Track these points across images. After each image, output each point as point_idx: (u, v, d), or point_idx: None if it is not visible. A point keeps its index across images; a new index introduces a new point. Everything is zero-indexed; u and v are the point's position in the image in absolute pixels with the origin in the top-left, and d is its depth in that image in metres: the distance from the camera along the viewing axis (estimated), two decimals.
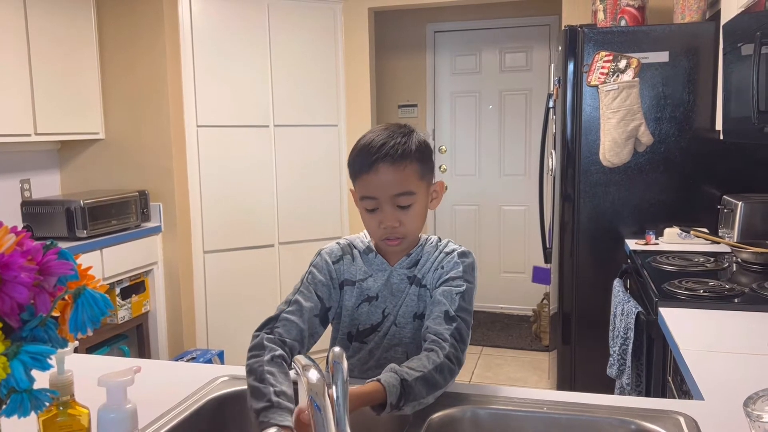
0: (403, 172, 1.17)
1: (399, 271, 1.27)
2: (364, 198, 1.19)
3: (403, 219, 1.19)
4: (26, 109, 2.93)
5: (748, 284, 1.90)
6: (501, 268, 4.88)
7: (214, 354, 3.39)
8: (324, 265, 1.27)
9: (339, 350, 0.82)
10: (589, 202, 2.83)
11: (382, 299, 1.27)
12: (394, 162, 1.16)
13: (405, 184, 1.17)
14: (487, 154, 4.87)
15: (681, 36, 2.69)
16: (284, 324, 1.17)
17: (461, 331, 1.15)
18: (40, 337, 0.64)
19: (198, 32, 3.44)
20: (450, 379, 1.09)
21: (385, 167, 1.16)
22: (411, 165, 1.17)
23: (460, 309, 1.17)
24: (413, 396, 1.01)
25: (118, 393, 0.75)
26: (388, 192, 1.17)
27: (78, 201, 3.00)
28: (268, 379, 1.05)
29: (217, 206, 3.57)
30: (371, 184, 1.17)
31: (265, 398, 1.02)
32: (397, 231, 1.20)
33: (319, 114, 3.82)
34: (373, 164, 1.16)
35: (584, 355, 2.88)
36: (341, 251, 1.30)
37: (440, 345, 1.11)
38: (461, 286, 1.20)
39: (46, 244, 0.66)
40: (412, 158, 1.17)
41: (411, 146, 1.18)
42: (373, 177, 1.16)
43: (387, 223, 1.19)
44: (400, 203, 1.18)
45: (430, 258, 1.26)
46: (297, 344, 1.17)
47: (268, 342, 1.12)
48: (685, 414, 1.05)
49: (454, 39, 4.86)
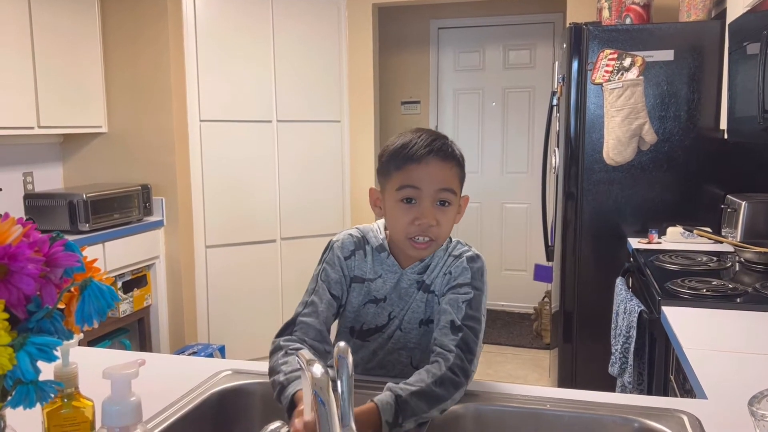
0: (450, 171, 1.17)
1: (410, 276, 1.24)
2: (405, 187, 1.15)
3: (440, 218, 1.16)
4: (29, 103, 2.93)
5: (751, 284, 1.90)
6: (502, 265, 4.88)
7: (215, 349, 3.40)
8: (336, 261, 1.25)
9: (344, 345, 0.81)
10: (592, 200, 2.82)
11: (390, 302, 1.25)
12: (445, 158, 1.16)
13: (450, 182, 1.17)
14: (490, 151, 4.86)
15: (686, 34, 2.68)
16: (302, 327, 1.17)
17: (468, 341, 1.11)
18: (46, 329, 0.64)
19: (201, 26, 3.43)
20: (454, 391, 1.06)
21: (436, 161, 1.15)
22: (455, 168, 1.18)
23: (467, 318, 1.14)
24: (411, 411, 0.99)
25: (123, 385, 0.75)
26: (434, 185, 1.15)
27: (81, 194, 3.00)
28: (281, 368, 1.07)
29: (219, 201, 3.57)
30: (418, 174, 1.15)
31: (278, 383, 1.04)
32: (432, 231, 1.16)
33: (321, 110, 3.81)
34: (424, 156, 1.14)
35: (585, 354, 2.87)
36: (354, 245, 1.26)
37: (445, 357, 1.08)
38: (468, 294, 1.17)
39: (53, 236, 0.66)
40: (456, 161, 1.18)
41: (455, 149, 1.20)
42: (422, 168, 1.15)
43: (424, 220, 1.15)
44: (442, 198, 1.16)
45: (440, 263, 1.23)
46: (318, 343, 1.17)
47: (285, 342, 1.14)
48: (689, 413, 1.05)
49: (458, 36, 4.85)
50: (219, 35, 3.48)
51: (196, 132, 3.47)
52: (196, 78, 3.43)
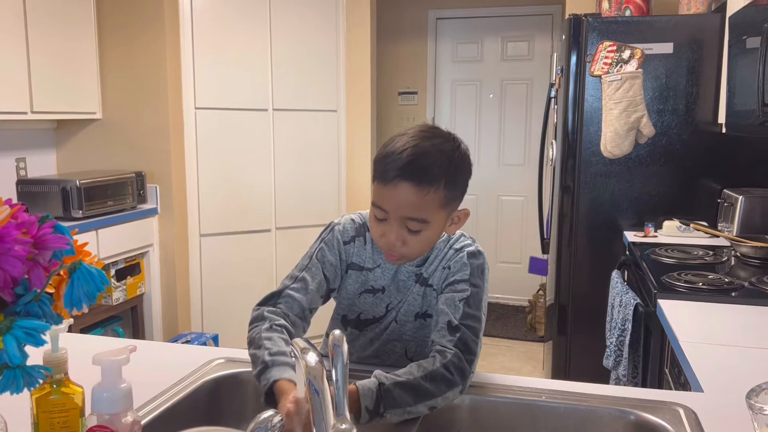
0: (424, 198, 1.04)
1: (408, 268, 1.20)
2: (374, 205, 1.08)
3: (408, 241, 1.08)
4: (23, 87, 2.90)
5: (747, 278, 1.89)
6: (498, 258, 4.88)
7: (209, 338, 3.39)
8: (336, 243, 1.21)
9: (339, 333, 0.80)
10: (588, 193, 2.81)
11: (388, 293, 1.22)
12: (420, 185, 1.03)
13: (421, 211, 1.05)
14: (487, 143, 4.84)
15: (686, 27, 2.66)
16: (287, 300, 1.14)
17: (466, 340, 1.07)
18: (34, 312, 0.63)
19: (198, 13, 3.39)
20: (447, 390, 1.01)
21: (407, 187, 1.03)
22: (436, 193, 1.04)
23: (465, 316, 1.09)
24: (394, 402, 0.96)
25: (113, 372, 0.74)
26: (399, 212, 1.05)
27: (74, 181, 2.98)
28: (265, 344, 1.03)
29: (214, 189, 3.54)
30: (385, 197, 1.05)
31: (260, 361, 1.01)
32: (398, 250, 1.10)
33: (318, 99, 3.78)
34: (394, 178, 1.03)
35: (579, 346, 2.88)
36: (355, 231, 1.22)
37: (442, 354, 1.04)
38: (465, 291, 1.12)
39: (42, 217, 0.64)
40: (439, 186, 1.04)
41: (445, 171, 1.04)
42: (390, 190, 1.04)
43: (391, 239, 1.08)
44: (410, 227, 1.07)
45: (439, 255, 1.19)
46: (299, 320, 1.14)
47: (269, 313, 1.11)
48: (685, 405, 1.05)
49: (456, 26, 4.82)
50: (216, 21, 3.45)
51: (191, 119, 3.44)
52: (191, 64, 3.40)
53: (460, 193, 1.11)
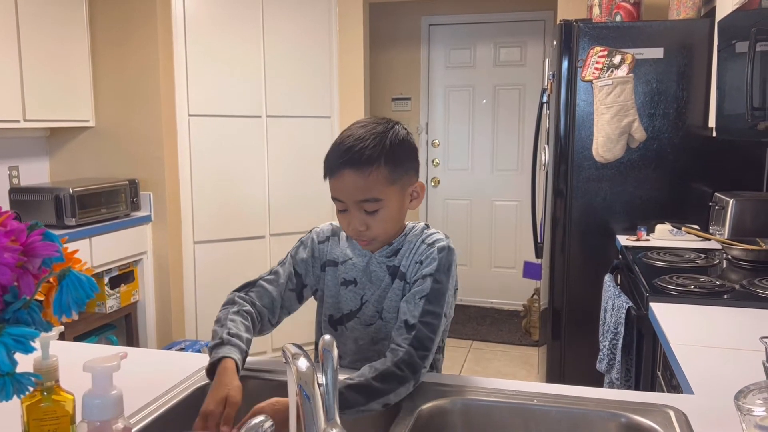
0: (368, 179, 1.12)
1: (378, 259, 1.25)
2: (334, 200, 1.19)
3: (370, 223, 1.17)
4: (15, 95, 2.89)
5: (738, 281, 1.90)
6: (492, 263, 4.89)
7: (203, 345, 3.37)
8: (310, 243, 1.31)
9: (329, 338, 0.80)
10: (581, 197, 2.83)
11: (361, 285, 1.26)
12: (360, 168, 1.12)
13: (370, 191, 1.13)
14: (480, 148, 4.86)
15: (676, 32, 2.68)
16: (259, 290, 1.26)
17: (421, 337, 1.11)
18: (23, 320, 0.63)
19: (191, 20, 3.40)
20: (398, 386, 1.05)
21: (349, 173, 1.12)
22: (377, 171, 1.12)
23: (424, 313, 1.13)
24: (347, 403, 1.00)
25: (104, 379, 0.74)
26: (352, 197, 1.15)
27: (67, 189, 2.97)
28: (227, 324, 1.17)
29: (208, 196, 3.54)
30: (337, 188, 1.16)
31: (218, 337, 1.15)
32: (364, 234, 1.19)
33: (312, 105, 3.79)
34: (338, 168, 1.13)
35: (574, 351, 2.88)
36: (330, 232, 1.32)
37: (394, 352, 1.09)
38: (427, 288, 1.15)
39: (31, 225, 0.64)
40: (379, 163, 1.12)
41: (380, 150, 1.12)
42: (339, 181, 1.14)
43: (354, 226, 1.18)
44: (366, 209, 1.15)
45: (411, 248, 1.23)
46: (267, 311, 1.25)
47: (239, 299, 1.24)
48: (675, 408, 1.05)
49: (449, 32, 4.84)
50: (208, 28, 3.45)
51: (184, 126, 3.44)
52: (185, 72, 3.40)
53: (408, 169, 1.18)
